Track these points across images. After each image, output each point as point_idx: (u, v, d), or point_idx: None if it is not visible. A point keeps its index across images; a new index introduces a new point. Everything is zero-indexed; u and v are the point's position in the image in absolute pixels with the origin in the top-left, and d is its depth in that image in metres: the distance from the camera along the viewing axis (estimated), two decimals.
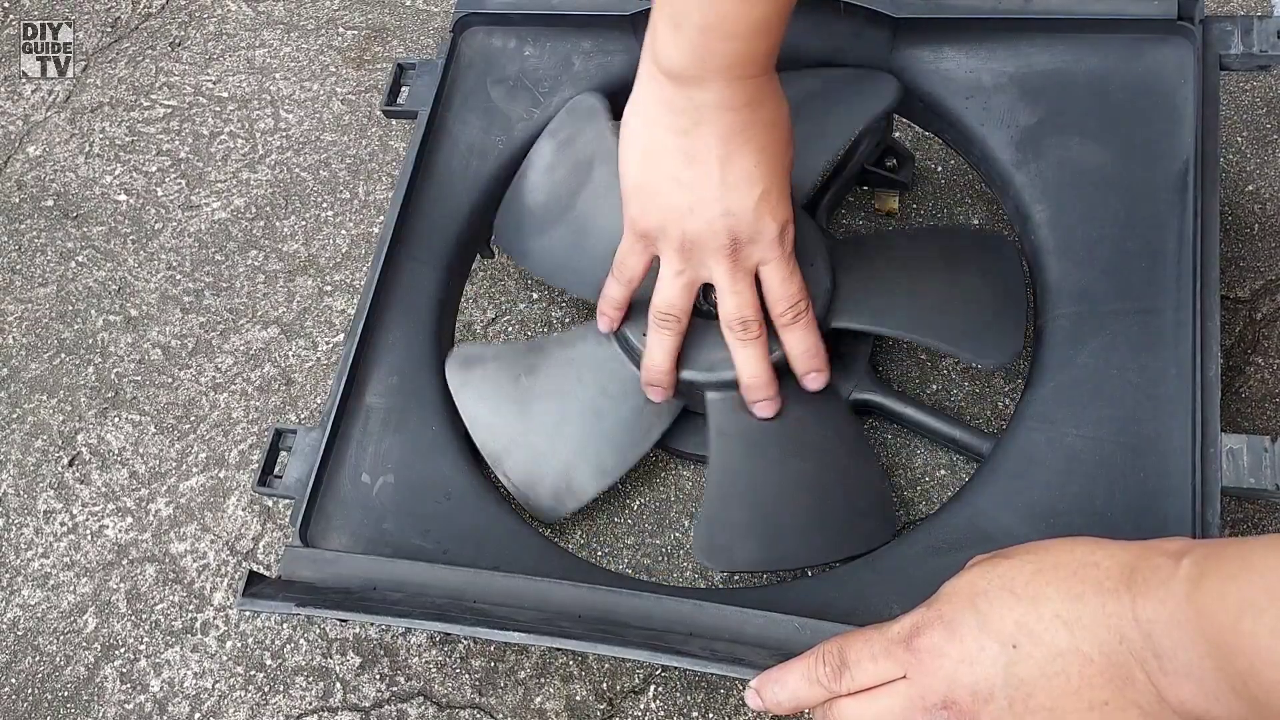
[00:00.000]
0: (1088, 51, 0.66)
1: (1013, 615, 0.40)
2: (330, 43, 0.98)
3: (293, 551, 0.61)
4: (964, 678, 0.40)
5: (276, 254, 0.87)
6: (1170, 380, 0.56)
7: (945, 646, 0.41)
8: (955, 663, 0.41)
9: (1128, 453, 0.55)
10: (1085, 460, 0.56)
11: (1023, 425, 0.58)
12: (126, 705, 0.69)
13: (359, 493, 0.64)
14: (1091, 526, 0.54)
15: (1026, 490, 0.56)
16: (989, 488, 0.57)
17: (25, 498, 0.79)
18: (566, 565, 0.61)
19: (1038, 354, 0.60)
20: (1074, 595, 0.39)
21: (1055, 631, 0.39)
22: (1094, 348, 0.58)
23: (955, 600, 0.42)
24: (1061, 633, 0.39)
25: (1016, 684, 0.39)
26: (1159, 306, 0.58)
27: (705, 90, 0.53)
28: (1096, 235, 0.61)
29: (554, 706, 0.64)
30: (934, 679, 0.41)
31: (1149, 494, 0.54)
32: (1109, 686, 0.38)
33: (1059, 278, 0.61)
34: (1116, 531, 0.53)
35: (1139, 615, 0.37)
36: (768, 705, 0.47)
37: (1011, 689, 0.39)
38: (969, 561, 0.44)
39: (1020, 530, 0.55)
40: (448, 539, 0.62)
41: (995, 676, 0.40)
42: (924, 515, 0.65)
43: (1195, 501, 0.52)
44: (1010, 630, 0.40)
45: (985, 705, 0.40)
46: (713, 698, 0.63)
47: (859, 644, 0.44)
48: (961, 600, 0.42)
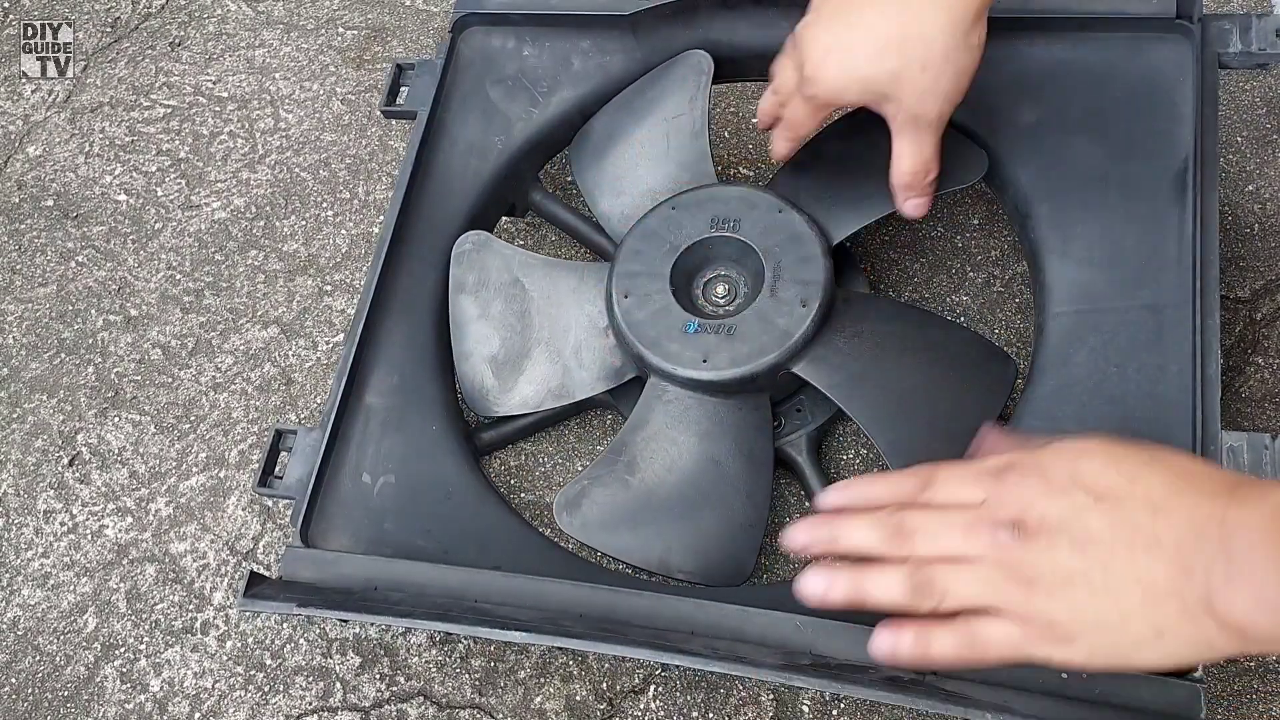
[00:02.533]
0: (1087, 50, 0.66)
1: (1108, 480, 0.41)
2: (330, 43, 0.98)
3: (293, 552, 0.61)
4: (1039, 506, 0.41)
5: (276, 254, 0.87)
6: (1170, 378, 0.56)
7: (1033, 480, 0.42)
8: (1036, 493, 0.41)
9: None
10: None
11: (1023, 423, 0.58)
12: (126, 705, 0.69)
13: (360, 493, 0.64)
14: None
15: None
16: None
17: (25, 498, 0.79)
18: (568, 564, 0.61)
19: (1038, 352, 0.60)
20: (1174, 489, 0.40)
21: (1140, 509, 0.40)
22: (1094, 345, 0.58)
23: (1059, 454, 0.42)
24: (1144, 513, 0.39)
25: (1083, 530, 0.40)
26: (1159, 304, 0.58)
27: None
28: (1096, 234, 0.61)
29: (554, 706, 0.64)
30: (1011, 498, 0.42)
31: None
32: (1164, 569, 0.39)
33: (1059, 276, 0.61)
34: None
35: (1227, 518, 0.38)
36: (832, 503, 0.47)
37: (1077, 532, 0.40)
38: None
39: None
40: (449, 539, 0.62)
41: (1069, 517, 0.40)
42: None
43: None
44: (1101, 489, 0.40)
45: (1050, 536, 0.41)
46: (713, 698, 0.63)
47: (950, 468, 0.45)
48: (1065, 455, 0.42)
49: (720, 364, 0.61)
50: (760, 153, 0.82)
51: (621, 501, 0.62)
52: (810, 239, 0.63)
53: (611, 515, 0.62)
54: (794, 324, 0.61)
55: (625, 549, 0.61)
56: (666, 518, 0.62)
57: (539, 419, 0.71)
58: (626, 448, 0.63)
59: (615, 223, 0.71)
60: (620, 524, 0.62)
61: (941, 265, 0.74)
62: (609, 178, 0.72)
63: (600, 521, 0.62)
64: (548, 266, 0.71)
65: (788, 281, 0.62)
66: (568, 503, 0.63)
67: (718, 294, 0.66)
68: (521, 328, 0.69)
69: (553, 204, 0.77)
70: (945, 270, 0.74)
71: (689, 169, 0.70)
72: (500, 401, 0.68)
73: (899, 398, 0.61)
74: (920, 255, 0.75)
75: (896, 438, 0.60)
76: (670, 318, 0.63)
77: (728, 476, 0.62)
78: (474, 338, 0.69)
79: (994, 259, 0.74)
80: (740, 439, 0.63)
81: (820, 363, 0.61)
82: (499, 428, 0.71)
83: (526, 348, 0.68)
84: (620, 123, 0.73)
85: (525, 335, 0.69)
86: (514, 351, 0.68)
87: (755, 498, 0.62)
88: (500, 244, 0.71)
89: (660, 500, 0.62)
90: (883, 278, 0.74)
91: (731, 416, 0.63)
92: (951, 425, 0.60)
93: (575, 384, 0.67)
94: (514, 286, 0.70)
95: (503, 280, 0.70)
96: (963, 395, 0.62)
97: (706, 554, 0.61)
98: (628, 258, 0.66)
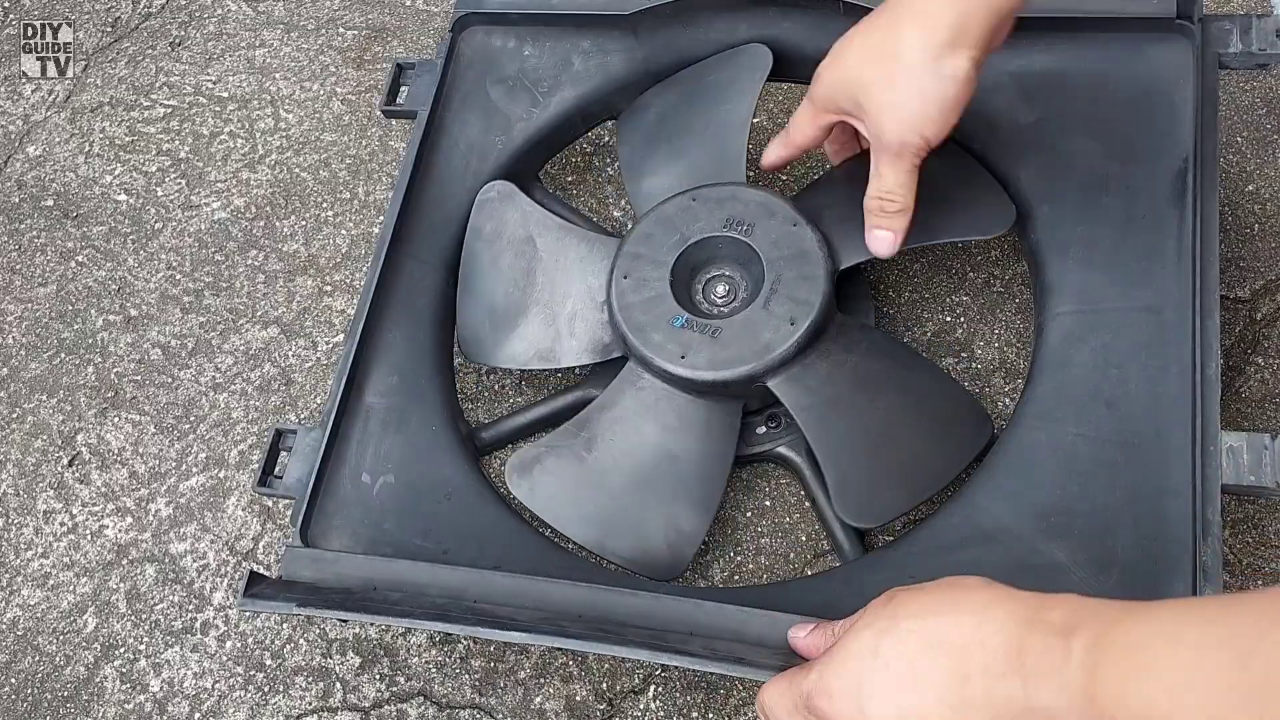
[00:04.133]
0: (1087, 50, 0.66)
1: (896, 701, 0.40)
2: (330, 43, 0.98)
3: (293, 552, 0.60)
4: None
5: (276, 254, 0.87)
6: (1171, 378, 0.56)
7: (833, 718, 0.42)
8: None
9: (1128, 451, 0.55)
10: (1085, 459, 0.56)
11: (1023, 424, 0.58)
12: (126, 705, 0.69)
13: (359, 493, 0.63)
14: (1091, 527, 0.54)
15: (1027, 489, 0.56)
16: (989, 486, 0.57)
17: (25, 498, 0.79)
18: (567, 565, 0.61)
19: (1038, 352, 0.60)
20: (960, 677, 0.38)
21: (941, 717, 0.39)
22: (1094, 346, 0.58)
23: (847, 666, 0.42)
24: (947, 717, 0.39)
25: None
26: (1159, 305, 0.58)
27: None
28: (1096, 234, 0.61)
29: (554, 706, 0.64)
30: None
31: (1149, 493, 0.54)
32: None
33: (1059, 276, 0.61)
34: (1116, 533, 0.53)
35: (1034, 703, 0.36)
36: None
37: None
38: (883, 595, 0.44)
39: (1021, 529, 0.55)
40: (448, 539, 0.62)
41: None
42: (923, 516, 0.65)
43: (1195, 500, 0.52)
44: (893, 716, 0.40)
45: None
46: (712, 698, 0.63)
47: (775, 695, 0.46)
48: (853, 667, 0.42)
49: (697, 363, 0.61)
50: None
51: (572, 475, 0.63)
52: (816, 259, 0.63)
53: (560, 487, 0.63)
54: (778, 339, 0.61)
55: (566, 522, 0.63)
56: (613, 501, 0.62)
57: (537, 417, 0.71)
58: (589, 424, 0.64)
59: (639, 203, 0.71)
60: (567, 497, 0.63)
61: (941, 265, 0.74)
62: (656, 158, 0.72)
63: (549, 491, 0.63)
64: (561, 230, 0.71)
65: (783, 296, 0.62)
66: (521, 465, 0.64)
67: (717, 293, 0.66)
68: (524, 285, 0.69)
69: (553, 204, 0.77)
70: (945, 270, 0.74)
71: (721, 163, 0.70)
72: (492, 353, 0.69)
73: (863, 436, 0.61)
74: (920, 255, 0.75)
75: (847, 477, 0.60)
76: (661, 307, 0.63)
77: (681, 474, 0.62)
78: (481, 285, 0.70)
79: (994, 259, 0.74)
80: (703, 439, 0.63)
81: (795, 383, 0.61)
82: (498, 427, 0.71)
83: (525, 305, 0.69)
84: (674, 106, 0.73)
85: (526, 293, 0.69)
86: (513, 307, 0.69)
87: (705, 500, 0.62)
88: (523, 198, 0.72)
89: (611, 483, 0.63)
90: (883, 278, 0.74)
91: (699, 416, 0.63)
92: (909, 474, 0.60)
93: (563, 351, 0.67)
94: (526, 243, 0.70)
95: (517, 235, 0.71)
96: (929, 447, 0.61)
97: (645, 545, 0.61)
98: (637, 240, 0.66)
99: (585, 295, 0.68)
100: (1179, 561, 0.52)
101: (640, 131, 0.74)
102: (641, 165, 0.73)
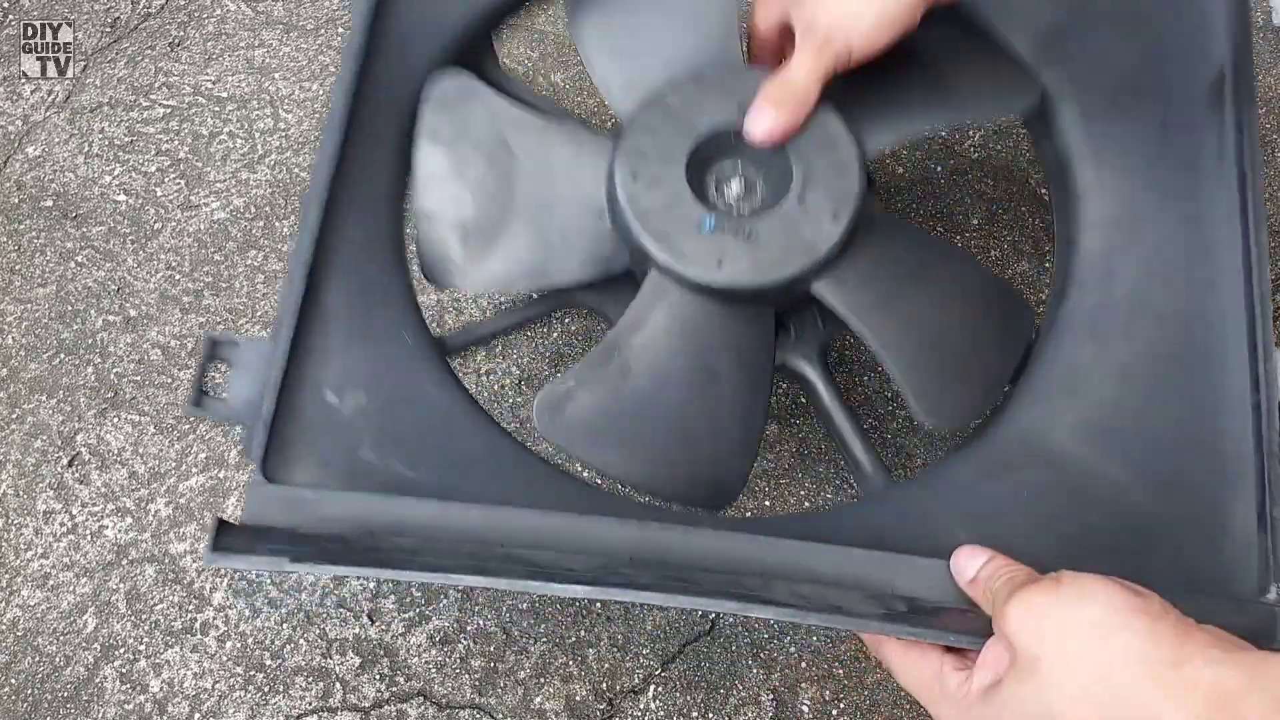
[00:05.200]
0: None
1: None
2: (330, 43, 0.98)
3: (258, 490, 0.49)
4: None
5: (276, 254, 0.87)
6: (1221, 292, 0.54)
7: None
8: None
9: (1181, 366, 0.53)
10: (1137, 374, 0.53)
11: (1067, 337, 0.55)
12: (126, 705, 0.69)
13: (325, 414, 0.52)
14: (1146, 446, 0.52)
15: (1078, 406, 0.53)
16: (1038, 403, 0.54)
17: (25, 498, 0.79)
18: (587, 497, 0.52)
19: (1072, 264, 0.57)
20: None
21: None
22: (1139, 256, 0.55)
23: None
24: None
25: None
26: (1202, 215, 0.55)
27: None
28: (1131, 139, 0.57)
29: (554, 706, 0.64)
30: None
31: (1206, 408, 0.52)
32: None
33: (1092, 183, 0.57)
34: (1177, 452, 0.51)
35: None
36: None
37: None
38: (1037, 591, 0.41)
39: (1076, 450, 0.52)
40: (442, 469, 0.52)
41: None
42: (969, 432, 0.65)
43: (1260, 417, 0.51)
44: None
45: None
46: (712, 698, 0.63)
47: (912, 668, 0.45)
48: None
49: (737, 271, 0.55)
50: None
51: (611, 409, 0.56)
52: (848, 144, 0.57)
53: (597, 423, 0.55)
54: (822, 237, 0.55)
55: (609, 462, 0.55)
56: (655, 432, 0.56)
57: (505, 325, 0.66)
58: (619, 350, 0.56)
59: (616, 91, 0.61)
60: (607, 434, 0.55)
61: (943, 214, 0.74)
62: (616, 33, 0.62)
63: (586, 428, 0.55)
64: (542, 129, 0.61)
65: (819, 189, 0.56)
66: (551, 403, 0.55)
67: (732, 191, 0.59)
68: (501, 195, 0.59)
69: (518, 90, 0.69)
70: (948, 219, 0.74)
71: (714, 41, 0.61)
72: (466, 275, 0.59)
73: (918, 329, 0.56)
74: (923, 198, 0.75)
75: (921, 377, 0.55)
76: (683, 209, 0.56)
77: (724, 392, 0.56)
78: (442, 197, 0.59)
79: (994, 259, 0.74)
80: (741, 353, 0.57)
81: (842, 284, 0.56)
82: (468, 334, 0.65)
83: (504, 218, 0.59)
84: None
85: (505, 205, 0.59)
86: (489, 220, 0.59)
87: (750, 418, 0.56)
88: (488, 93, 0.61)
89: (651, 413, 0.56)
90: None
91: (735, 327, 0.57)
92: (974, 369, 0.56)
93: (556, 268, 0.59)
94: (499, 148, 0.60)
95: (486, 137, 0.60)
96: (982, 335, 0.58)
97: (694, 475, 0.56)
98: (639, 133, 0.57)
99: (580, 202, 0.59)
100: (1242, 479, 0.50)
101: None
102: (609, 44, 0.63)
